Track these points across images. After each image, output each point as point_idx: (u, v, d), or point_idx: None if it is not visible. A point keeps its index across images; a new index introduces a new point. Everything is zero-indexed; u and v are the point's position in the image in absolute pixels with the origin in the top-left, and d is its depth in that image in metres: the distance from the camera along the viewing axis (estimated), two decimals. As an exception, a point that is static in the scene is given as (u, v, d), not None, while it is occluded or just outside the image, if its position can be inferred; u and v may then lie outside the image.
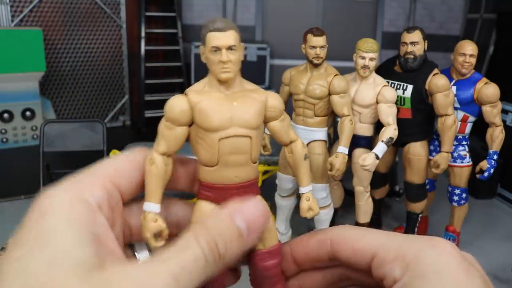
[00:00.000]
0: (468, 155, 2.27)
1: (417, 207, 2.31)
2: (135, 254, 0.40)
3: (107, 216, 0.34)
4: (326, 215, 2.14)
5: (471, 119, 2.20)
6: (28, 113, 3.71)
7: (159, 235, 0.39)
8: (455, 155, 2.25)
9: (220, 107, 0.42)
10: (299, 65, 2.12)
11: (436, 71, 2.11)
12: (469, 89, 2.14)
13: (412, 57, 2.09)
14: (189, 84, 4.35)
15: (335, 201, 2.30)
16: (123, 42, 4.52)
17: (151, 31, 4.29)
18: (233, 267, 0.44)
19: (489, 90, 2.09)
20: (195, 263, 0.32)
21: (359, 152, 2.10)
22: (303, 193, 0.54)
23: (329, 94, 2.00)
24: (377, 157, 1.94)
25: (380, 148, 1.95)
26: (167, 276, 0.30)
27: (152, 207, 0.40)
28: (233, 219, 0.35)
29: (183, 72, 4.47)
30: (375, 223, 2.46)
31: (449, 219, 2.40)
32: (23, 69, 3.57)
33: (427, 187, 2.40)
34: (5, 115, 3.64)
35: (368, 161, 1.92)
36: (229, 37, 0.42)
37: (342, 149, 1.96)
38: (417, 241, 0.34)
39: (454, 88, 2.15)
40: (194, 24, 4.70)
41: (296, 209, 2.22)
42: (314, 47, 1.97)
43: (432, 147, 2.33)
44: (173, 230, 0.42)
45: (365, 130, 2.13)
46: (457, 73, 2.17)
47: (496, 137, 2.14)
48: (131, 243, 0.40)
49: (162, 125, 0.44)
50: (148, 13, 4.23)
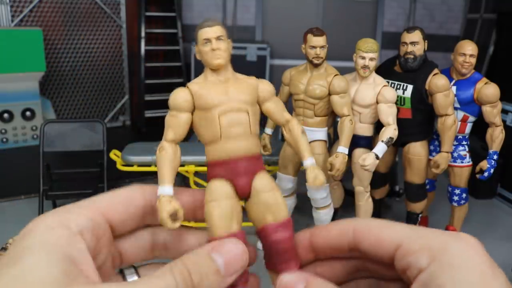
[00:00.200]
0: (468, 155, 2.27)
1: (417, 207, 2.31)
2: (125, 278, 0.41)
3: (89, 243, 0.35)
4: (326, 215, 2.14)
5: (471, 119, 2.20)
6: (28, 113, 3.71)
7: (175, 216, 0.41)
8: (455, 155, 2.25)
9: (216, 89, 0.47)
10: (299, 65, 2.12)
11: (436, 71, 2.11)
12: (469, 89, 2.14)
13: (412, 57, 2.09)
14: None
15: (335, 201, 2.30)
16: (123, 42, 4.52)
17: (151, 31, 4.30)
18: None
19: (489, 90, 2.09)
20: None
21: (359, 152, 2.10)
22: (307, 166, 0.60)
23: (329, 94, 2.00)
24: (377, 157, 1.94)
25: (380, 148, 1.95)
26: None
27: (165, 190, 0.44)
28: (210, 254, 0.36)
29: (183, 72, 4.47)
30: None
31: (449, 219, 2.40)
32: (23, 69, 3.58)
33: (427, 187, 2.40)
34: (5, 115, 3.64)
35: (368, 161, 1.92)
36: (216, 30, 0.49)
37: (342, 149, 1.96)
38: (442, 234, 0.35)
39: (454, 88, 2.15)
40: (194, 24, 4.70)
41: (296, 209, 2.22)
42: (314, 47, 1.97)
43: (432, 147, 2.33)
44: (162, 252, 0.43)
45: (365, 130, 2.13)
46: (457, 73, 2.17)
47: (496, 137, 2.14)
48: (121, 269, 0.41)
49: (168, 117, 0.49)
50: (148, 13, 4.23)
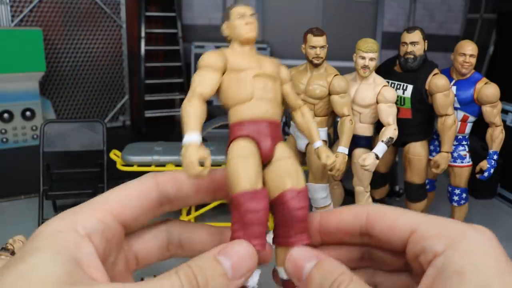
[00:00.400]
0: (468, 155, 2.27)
1: (417, 207, 2.31)
2: None
3: (98, 246, 0.35)
4: (326, 215, 2.14)
5: (471, 119, 2.20)
6: (28, 113, 3.71)
7: (203, 163, 0.41)
8: (455, 155, 2.25)
9: (248, 56, 0.50)
10: (299, 65, 2.12)
11: (436, 71, 2.11)
12: (469, 89, 2.14)
13: (412, 57, 2.09)
14: (189, 84, 4.34)
15: (335, 201, 2.30)
16: (123, 42, 4.52)
17: (151, 31, 4.30)
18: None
19: (489, 90, 2.09)
20: None
21: (359, 152, 2.10)
22: (319, 146, 0.64)
23: (329, 94, 2.00)
24: (377, 157, 1.95)
25: (380, 148, 1.95)
26: None
27: (192, 137, 0.43)
28: (216, 256, 0.35)
29: (183, 72, 4.47)
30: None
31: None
32: (23, 69, 3.57)
33: (427, 187, 2.40)
34: (5, 115, 3.64)
35: (368, 161, 1.92)
36: (250, 8, 0.54)
37: (342, 149, 1.96)
38: (459, 223, 0.34)
39: (454, 88, 2.15)
40: (194, 24, 4.70)
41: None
42: (314, 47, 1.97)
43: (432, 147, 2.33)
44: (177, 251, 0.43)
45: (365, 130, 2.13)
46: (457, 73, 2.17)
47: (496, 137, 2.14)
48: (142, 278, 0.41)
49: (196, 75, 0.49)
50: (148, 13, 4.23)
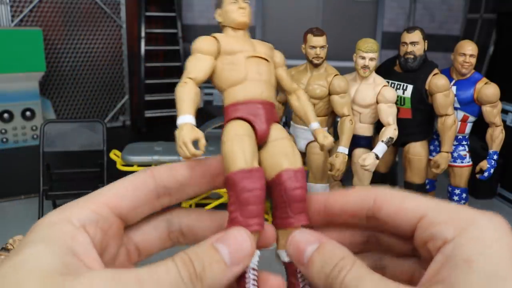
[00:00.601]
0: (468, 155, 2.27)
1: (417, 207, 2.31)
2: None
3: (94, 237, 0.35)
4: (326, 215, 2.14)
5: (471, 119, 2.20)
6: (28, 113, 3.71)
7: (197, 144, 0.42)
8: (455, 155, 2.25)
9: (241, 39, 0.51)
10: (299, 65, 2.12)
11: (436, 71, 2.11)
12: (469, 89, 2.14)
13: (412, 57, 2.09)
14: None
15: (335, 201, 2.30)
16: (123, 42, 4.52)
17: (151, 31, 4.30)
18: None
19: (489, 90, 2.09)
20: (166, 274, 0.32)
21: (359, 152, 2.10)
22: (316, 128, 0.76)
23: (329, 94, 2.00)
24: (377, 157, 1.94)
25: (380, 148, 1.95)
26: (130, 277, 0.30)
27: (187, 118, 0.44)
28: (213, 244, 0.35)
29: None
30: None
31: (449, 219, 2.40)
32: (23, 69, 3.57)
33: (427, 187, 2.40)
34: (5, 115, 3.64)
35: (368, 161, 1.92)
36: None
37: (342, 149, 1.96)
38: (469, 209, 0.33)
39: (454, 88, 2.15)
40: (194, 24, 4.70)
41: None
42: (314, 47, 1.97)
43: (432, 147, 2.33)
44: (179, 239, 0.43)
45: (365, 130, 2.13)
46: (457, 73, 2.17)
47: (496, 137, 2.14)
48: None
49: (190, 59, 0.51)
50: (148, 13, 4.23)
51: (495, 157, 2.16)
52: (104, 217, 0.36)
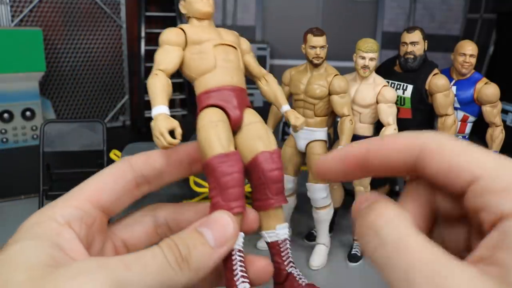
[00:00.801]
0: (468, 155, 2.27)
1: (417, 207, 2.31)
2: None
3: (79, 232, 0.35)
4: (326, 215, 2.14)
5: (471, 119, 2.20)
6: (28, 113, 3.71)
7: (173, 134, 0.42)
8: (455, 155, 2.25)
9: (207, 29, 0.51)
10: (299, 65, 2.12)
11: (436, 71, 2.11)
12: (469, 89, 2.14)
13: (412, 57, 2.09)
14: (189, 84, 4.34)
15: (335, 201, 2.30)
16: (123, 42, 4.52)
17: (151, 31, 4.30)
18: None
19: (489, 90, 2.09)
20: (153, 259, 0.32)
21: (359, 152, 2.10)
22: (286, 110, 0.84)
23: (329, 94, 2.00)
24: (377, 157, 1.94)
25: (380, 148, 1.95)
26: (118, 262, 0.31)
27: (161, 109, 0.45)
28: (197, 228, 0.36)
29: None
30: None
31: (449, 219, 2.40)
32: (23, 69, 3.57)
33: (427, 187, 2.40)
34: (5, 115, 3.64)
35: (368, 161, 1.92)
36: None
37: (342, 149, 1.96)
38: None
39: (454, 88, 2.15)
40: (194, 24, 4.70)
41: (296, 209, 2.22)
42: (314, 47, 1.97)
43: (432, 147, 2.33)
44: (167, 233, 0.43)
45: (365, 130, 2.13)
46: (457, 73, 2.17)
47: (496, 137, 2.14)
48: None
49: (158, 51, 0.51)
50: (148, 13, 4.23)
51: (495, 157, 2.16)
52: (87, 213, 0.37)
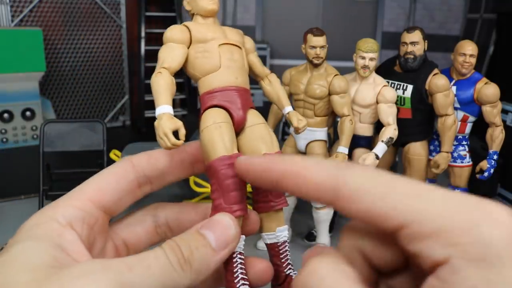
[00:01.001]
0: (468, 155, 2.27)
1: (417, 207, 2.31)
2: None
3: (81, 233, 0.35)
4: (326, 215, 2.14)
5: (471, 119, 2.20)
6: (28, 113, 3.71)
7: (177, 135, 0.42)
8: (455, 155, 2.26)
9: (212, 27, 0.50)
10: (299, 65, 2.12)
11: (436, 71, 2.11)
12: (469, 89, 2.14)
13: (412, 57, 2.09)
14: (189, 84, 4.35)
15: (335, 201, 2.30)
16: (123, 42, 4.52)
17: (151, 31, 4.29)
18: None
19: (489, 90, 2.09)
20: (156, 260, 0.32)
21: (359, 152, 2.10)
22: (289, 111, 0.88)
23: (329, 94, 2.00)
24: (377, 157, 1.95)
25: (380, 148, 1.95)
26: (120, 264, 0.30)
27: (165, 108, 0.44)
28: (199, 230, 0.36)
29: (183, 72, 4.45)
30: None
31: (449, 219, 2.40)
32: (23, 69, 3.57)
33: (427, 187, 2.40)
34: (5, 115, 3.64)
35: (368, 161, 1.92)
36: None
37: (342, 149, 1.96)
38: (462, 208, 0.24)
39: (454, 88, 2.15)
40: (194, 24, 4.70)
41: (296, 209, 2.22)
42: (314, 47, 1.97)
43: (432, 147, 2.33)
44: (167, 233, 0.43)
45: (365, 130, 2.13)
46: (457, 73, 2.17)
47: (496, 137, 2.14)
48: None
49: (162, 49, 0.50)
50: (148, 13, 4.22)
51: (495, 157, 2.16)
52: (89, 213, 0.37)
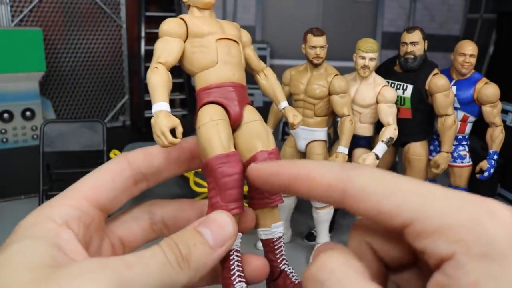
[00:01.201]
0: (468, 155, 2.27)
1: (417, 207, 2.31)
2: None
3: (78, 232, 0.35)
4: (326, 215, 2.14)
5: (471, 119, 2.20)
6: (28, 113, 3.71)
7: (173, 133, 0.41)
8: (455, 155, 2.25)
9: (208, 21, 0.49)
10: (299, 65, 2.12)
11: (436, 71, 2.11)
12: (469, 89, 2.14)
13: (412, 57, 2.09)
14: (189, 84, 4.36)
15: (335, 201, 2.30)
16: (123, 42, 4.52)
17: (151, 31, 4.29)
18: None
19: (489, 90, 2.09)
20: (153, 258, 0.32)
21: (359, 152, 2.10)
22: (285, 107, 0.85)
23: (329, 94, 2.00)
24: (377, 157, 1.94)
25: (380, 148, 1.95)
26: (118, 262, 0.30)
27: (162, 106, 0.43)
28: (196, 228, 0.36)
29: (183, 72, 4.46)
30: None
31: (449, 219, 2.40)
32: (23, 69, 3.57)
33: (427, 187, 2.40)
34: (5, 115, 3.64)
35: (368, 161, 1.92)
36: None
37: (342, 149, 1.96)
38: (466, 206, 0.25)
39: (454, 88, 2.15)
40: (194, 24, 4.69)
41: (296, 209, 2.22)
42: (314, 47, 1.97)
43: (432, 147, 2.33)
44: (163, 231, 0.43)
45: (365, 130, 2.13)
46: (457, 73, 2.17)
47: (496, 137, 2.14)
48: None
49: (158, 42, 0.49)
50: (148, 13, 4.22)
51: (495, 157, 2.16)
52: (85, 212, 0.36)
